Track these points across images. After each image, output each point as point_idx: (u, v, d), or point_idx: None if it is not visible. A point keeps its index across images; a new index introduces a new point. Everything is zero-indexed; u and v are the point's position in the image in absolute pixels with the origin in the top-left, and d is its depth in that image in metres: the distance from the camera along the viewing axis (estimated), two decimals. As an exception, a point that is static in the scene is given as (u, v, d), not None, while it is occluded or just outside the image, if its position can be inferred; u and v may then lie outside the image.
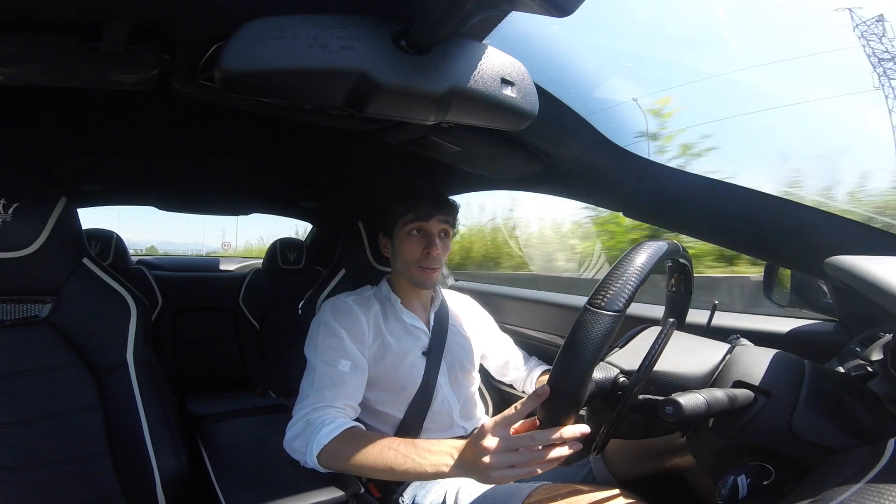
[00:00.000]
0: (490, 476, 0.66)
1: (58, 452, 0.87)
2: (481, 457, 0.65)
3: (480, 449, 0.66)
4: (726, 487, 0.53)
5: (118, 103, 1.07)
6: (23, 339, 0.90)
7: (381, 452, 0.79)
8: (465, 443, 0.72)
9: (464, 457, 0.71)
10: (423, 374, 1.05)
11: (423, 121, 0.65)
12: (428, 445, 0.77)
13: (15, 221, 0.87)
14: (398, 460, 0.77)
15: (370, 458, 0.79)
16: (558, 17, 0.49)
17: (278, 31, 0.51)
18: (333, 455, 0.82)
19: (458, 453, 0.72)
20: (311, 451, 0.83)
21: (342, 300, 1.06)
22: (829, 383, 0.58)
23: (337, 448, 0.83)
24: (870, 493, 0.41)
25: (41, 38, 0.61)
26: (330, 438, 0.83)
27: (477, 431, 0.69)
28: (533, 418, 0.62)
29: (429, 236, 1.04)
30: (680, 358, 0.64)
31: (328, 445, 0.83)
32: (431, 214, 1.04)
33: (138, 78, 0.72)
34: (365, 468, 0.80)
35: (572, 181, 1.05)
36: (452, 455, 0.73)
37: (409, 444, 0.78)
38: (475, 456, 0.67)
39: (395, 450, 0.78)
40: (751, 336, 0.76)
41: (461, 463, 0.71)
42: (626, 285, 0.55)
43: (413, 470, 0.75)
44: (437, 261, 1.04)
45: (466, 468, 0.70)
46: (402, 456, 0.77)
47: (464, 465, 0.71)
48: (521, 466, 0.64)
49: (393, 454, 0.77)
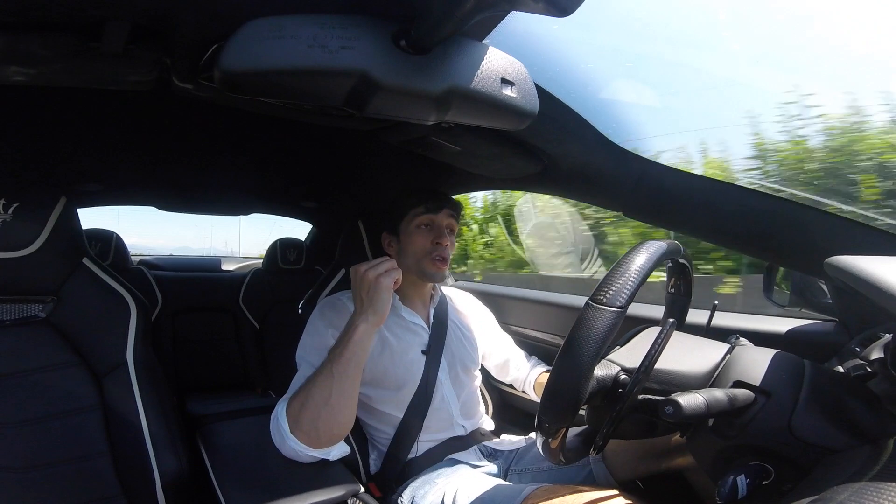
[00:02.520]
0: (372, 280, 0.84)
1: (58, 452, 0.87)
2: (364, 283, 0.85)
3: (359, 281, 0.86)
4: (726, 487, 0.53)
5: (118, 103, 1.07)
6: (23, 339, 0.90)
7: (317, 373, 0.85)
8: (351, 316, 0.87)
9: (356, 311, 0.86)
10: (423, 371, 1.05)
11: (423, 121, 0.65)
12: (335, 345, 0.87)
13: (15, 221, 0.87)
14: (332, 364, 0.83)
15: (315, 385, 0.83)
16: (558, 17, 0.50)
17: (278, 31, 0.51)
18: (296, 417, 0.83)
19: (351, 321, 0.86)
20: (284, 431, 0.82)
21: (337, 298, 1.06)
22: (828, 383, 0.58)
23: (293, 407, 0.84)
24: (870, 493, 0.41)
25: (41, 38, 0.61)
26: (286, 404, 0.85)
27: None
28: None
29: (438, 228, 1.05)
30: (680, 358, 0.64)
31: (289, 411, 0.84)
32: (440, 207, 1.05)
33: (138, 78, 0.72)
34: (322, 397, 0.82)
35: (572, 181, 1.05)
36: (350, 325, 0.86)
37: (330, 352, 0.87)
38: (360, 289, 0.86)
39: (322, 364, 0.85)
40: (751, 336, 0.76)
41: (357, 317, 0.85)
42: (627, 282, 0.55)
43: (343, 355, 0.83)
44: (447, 251, 1.05)
45: (362, 310, 0.85)
46: (330, 356, 0.85)
47: (359, 311, 0.86)
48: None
49: (327, 363, 0.84)
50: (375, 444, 1.07)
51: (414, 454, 1.03)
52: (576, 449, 0.64)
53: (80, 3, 0.55)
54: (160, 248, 4.78)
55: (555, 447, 0.59)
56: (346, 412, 0.84)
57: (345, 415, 0.84)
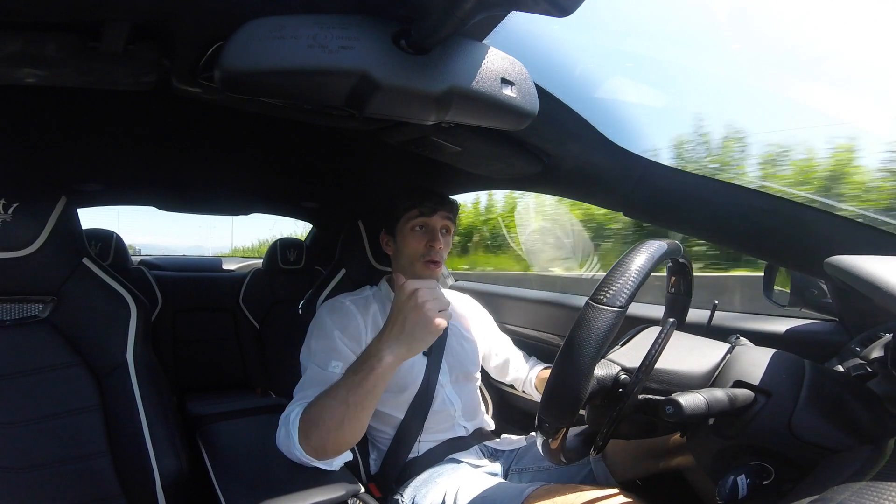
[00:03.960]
0: (427, 314, 0.74)
1: (58, 452, 0.87)
2: (414, 311, 0.74)
3: (410, 305, 0.75)
4: (726, 487, 0.53)
5: (118, 103, 1.07)
6: (23, 339, 0.90)
7: (333, 396, 0.79)
8: (381, 334, 0.78)
9: (388, 336, 0.77)
10: (424, 374, 1.05)
11: (423, 121, 0.65)
12: (354, 365, 0.80)
13: (15, 221, 0.87)
14: (349, 392, 0.77)
15: (329, 409, 0.79)
16: (559, 17, 0.49)
17: (278, 31, 0.51)
18: (306, 432, 0.81)
19: (379, 344, 0.77)
20: (293, 440, 0.81)
21: (339, 301, 1.06)
22: (828, 383, 0.58)
23: (305, 422, 0.81)
24: (870, 493, 0.41)
25: (41, 38, 0.61)
26: (298, 417, 0.82)
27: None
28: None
29: (432, 231, 1.05)
30: (680, 357, 0.64)
31: (300, 425, 0.81)
32: (435, 210, 1.05)
33: (138, 78, 0.72)
34: (333, 422, 0.78)
35: (572, 181, 1.05)
36: (375, 350, 0.77)
37: (348, 373, 0.80)
38: (405, 317, 0.75)
39: (339, 385, 0.79)
40: (751, 336, 0.76)
41: (389, 343, 0.76)
42: (628, 282, 0.55)
43: (362, 386, 0.76)
44: (440, 254, 1.04)
45: (396, 338, 0.76)
46: (348, 382, 0.78)
47: (390, 337, 0.76)
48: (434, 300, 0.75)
49: (344, 390, 0.78)
50: (376, 444, 1.07)
51: (415, 454, 1.03)
52: (576, 449, 0.64)
53: (80, 3, 0.55)
54: (175, 248, 4.76)
55: (555, 447, 0.59)
56: (356, 434, 0.82)
57: (354, 436, 0.82)
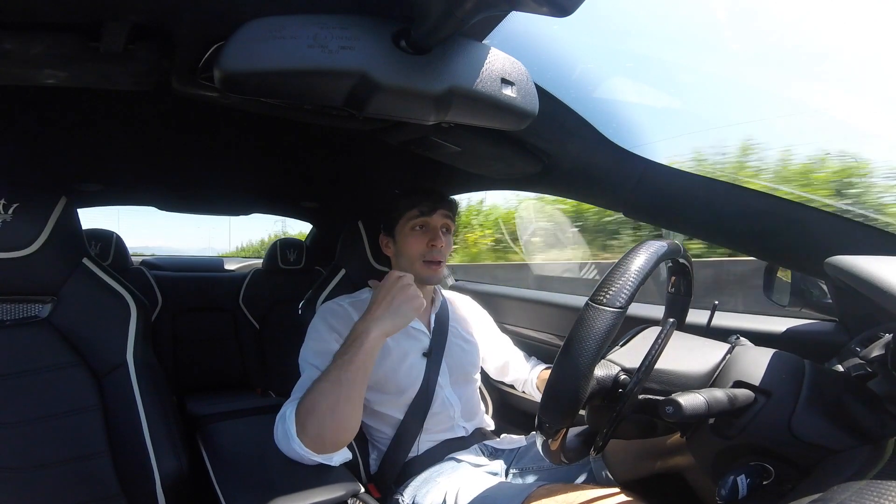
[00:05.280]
0: (413, 292, 0.86)
1: (58, 452, 0.87)
2: (402, 290, 0.85)
3: (398, 286, 0.85)
4: (726, 487, 0.53)
5: (118, 103, 1.07)
6: (23, 339, 0.90)
7: (325, 379, 0.81)
8: (364, 315, 0.85)
9: (373, 314, 0.83)
10: (423, 375, 1.05)
11: (423, 121, 0.65)
12: (341, 349, 0.84)
13: (15, 221, 0.87)
14: (340, 371, 0.80)
15: (323, 392, 0.80)
16: (559, 17, 0.49)
17: (278, 32, 0.51)
18: (303, 421, 0.80)
19: (364, 323, 0.83)
20: (291, 434, 0.80)
21: (337, 303, 1.06)
22: (829, 383, 0.58)
23: (301, 412, 0.81)
24: (870, 493, 0.41)
25: (41, 38, 0.61)
26: (294, 410, 0.82)
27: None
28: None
29: (432, 230, 1.04)
30: (680, 358, 0.63)
31: (297, 417, 0.81)
32: (434, 209, 1.05)
33: (138, 78, 0.72)
34: (328, 405, 0.79)
35: (572, 181, 1.05)
36: (363, 328, 0.82)
37: (336, 356, 0.84)
38: (393, 296, 0.84)
39: (330, 368, 0.82)
40: (751, 336, 0.76)
41: (374, 320, 0.83)
42: (627, 283, 0.55)
43: (353, 363, 0.80)
44: (441, 254, 1.04)
45: (380, 315, 0.83)
46: (338, 363, 0.81)
47: (375, 316, 0.83)
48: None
49: (335, 370, 0.81)
50: (375, 444, 1.07)
51: (415, 453, 1.03)
52: (576, 449, 0.64)
53: (80, 3, 0.55)
54: (186, 251, 4.77)
55: (555, 447, 0.59)
56: (352, 419, 0.82)
57: (350, 422, 0.82)
